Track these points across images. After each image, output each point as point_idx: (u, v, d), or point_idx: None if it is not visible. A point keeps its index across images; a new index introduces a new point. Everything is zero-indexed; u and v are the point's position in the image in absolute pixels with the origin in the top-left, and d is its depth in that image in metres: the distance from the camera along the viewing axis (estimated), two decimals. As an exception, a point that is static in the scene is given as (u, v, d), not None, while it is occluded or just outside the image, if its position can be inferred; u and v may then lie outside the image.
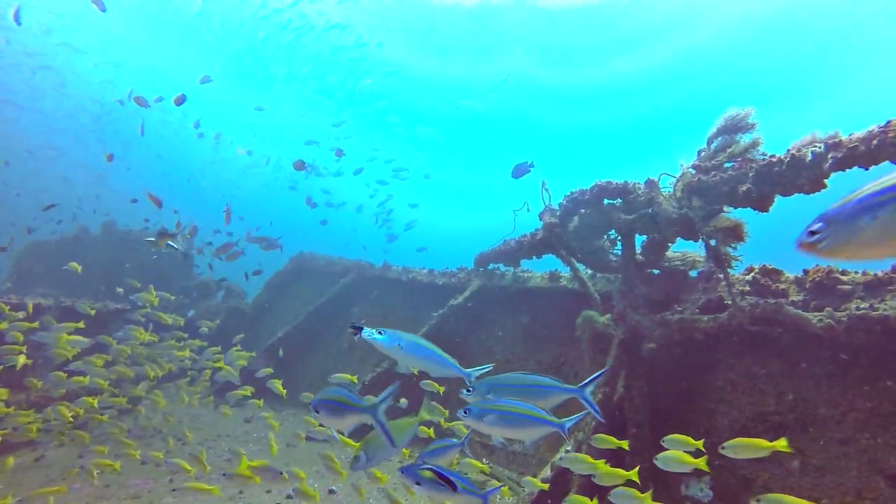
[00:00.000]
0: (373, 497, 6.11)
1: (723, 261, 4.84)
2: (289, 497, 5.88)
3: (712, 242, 4.90)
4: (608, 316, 6.63)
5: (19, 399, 7.68)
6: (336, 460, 5.64)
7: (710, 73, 37.94)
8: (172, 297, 8.94)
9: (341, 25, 32.68)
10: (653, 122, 43.68)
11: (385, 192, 23.51)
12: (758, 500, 3.18)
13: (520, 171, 7.24)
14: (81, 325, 6.92)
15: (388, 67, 37.08)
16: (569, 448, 5.44)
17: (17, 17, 8.07)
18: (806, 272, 4.95)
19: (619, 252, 6.32)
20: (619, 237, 6.11)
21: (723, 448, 3.57)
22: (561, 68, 39.14)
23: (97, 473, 6.35)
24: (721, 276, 5.35)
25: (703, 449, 3.83)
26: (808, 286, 4.87)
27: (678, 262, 6.16)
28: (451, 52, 37.39)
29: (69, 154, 37.54)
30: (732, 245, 4.72)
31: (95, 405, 6.85)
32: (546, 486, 4.81)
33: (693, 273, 6.21)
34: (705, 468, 3.80)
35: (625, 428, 5.21)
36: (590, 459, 4.23)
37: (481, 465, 5.84)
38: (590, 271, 7.90)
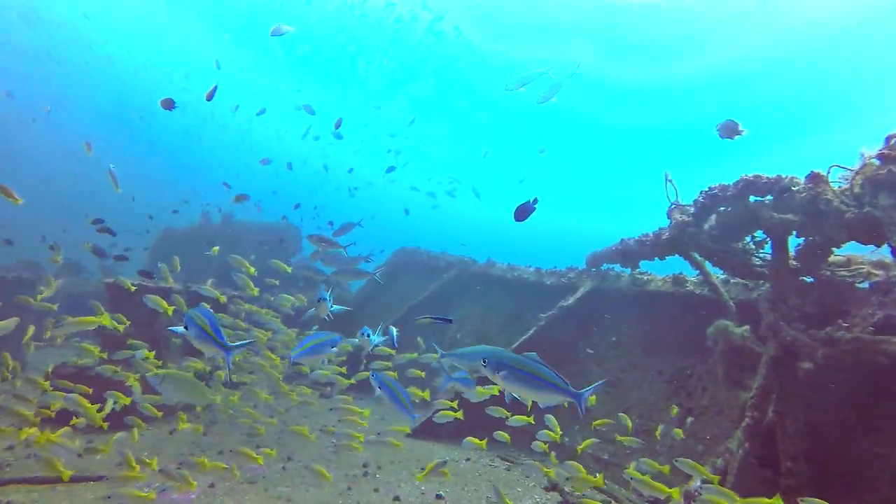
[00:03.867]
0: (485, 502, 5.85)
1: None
2: (396, 499, 5.77)
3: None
4: (746, 328, 5.86)
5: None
6: (440, 467, 5.47)
7: (775, 79, 35.33)
8: (277, 282, 9.30)
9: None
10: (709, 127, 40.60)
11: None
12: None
13: (524, 211, 7.09)
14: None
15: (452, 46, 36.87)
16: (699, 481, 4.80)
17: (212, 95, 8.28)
18: None
19: (768, 255, 5.52)
20: (769, 239, 5.32)
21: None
22: (624, 65, 37.13)
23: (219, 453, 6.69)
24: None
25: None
26: None
27: (844, 271, 5.25)
28: (514, 36, 36.31)
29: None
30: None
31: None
32: None
33: (863, 284, 5.26)
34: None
35: (776, 458, 4.50)
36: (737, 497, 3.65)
37: (594, 480, 5.36)
38: (722, 276, 7.08)
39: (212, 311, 3.83)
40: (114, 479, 5.64)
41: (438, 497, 5.98)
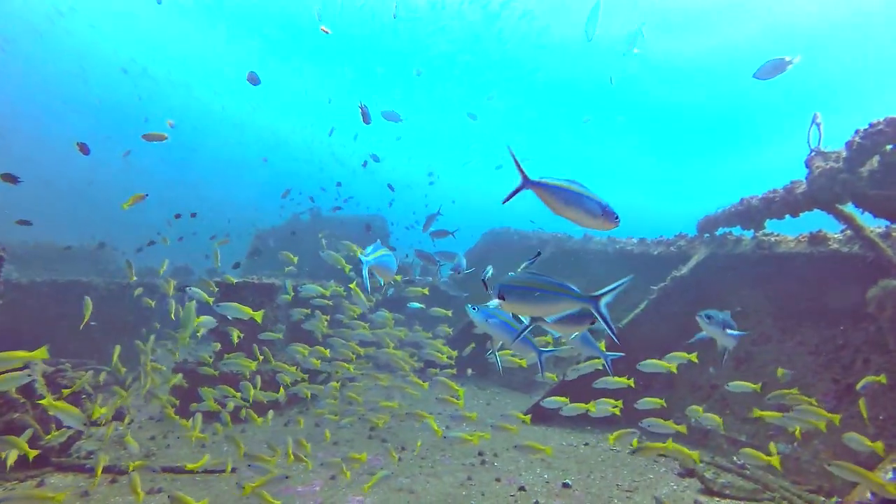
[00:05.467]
0: (615, 496, 5.40)
1: None
2: (521, 489, 5.46)
3: None
4: (923, 287, 4.97)
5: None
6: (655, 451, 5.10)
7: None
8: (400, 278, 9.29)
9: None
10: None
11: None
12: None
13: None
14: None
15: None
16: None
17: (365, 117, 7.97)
18: None
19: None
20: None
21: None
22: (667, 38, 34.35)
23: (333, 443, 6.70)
24: None
25: None
26: None
27: None
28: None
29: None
30: None
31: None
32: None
33: None
34: None
35: None
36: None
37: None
38: (880, 230, 6.09)
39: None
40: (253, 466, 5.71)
41: (565, 485, 5.61)
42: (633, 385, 5.66)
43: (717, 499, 5.29)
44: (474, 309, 3.53)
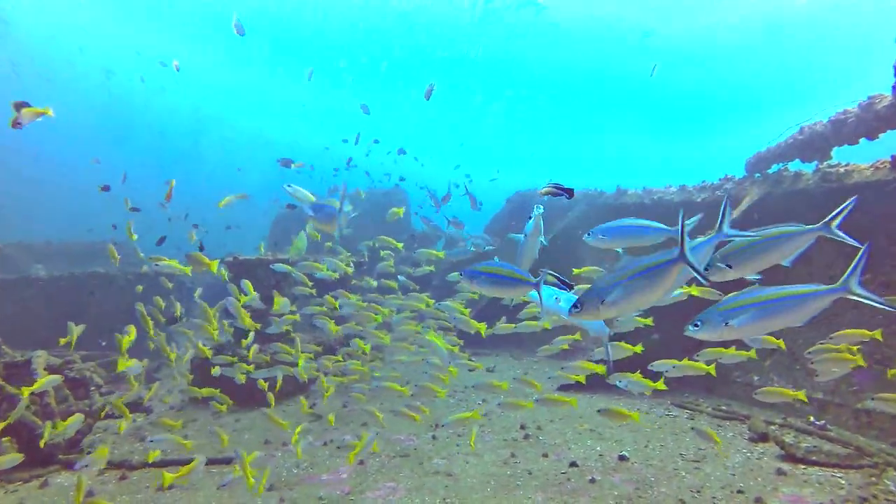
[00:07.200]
0: (680, 468, 4.71)
1: None
2: (573, 465, 4.81)
3: None
4: None
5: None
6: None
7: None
8: (402, 246, 8.64)
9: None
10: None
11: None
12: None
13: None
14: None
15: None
16: None
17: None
18: None
19: None
20: None
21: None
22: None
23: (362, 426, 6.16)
24: None
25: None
26: None
27: None
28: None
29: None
30: None
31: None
32: None
33: None
34: None
35: None
36: None
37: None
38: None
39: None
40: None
41: (622, 458, 4.95)
42: (650, 323, 5.25)
43: (804, 466, 4.54)
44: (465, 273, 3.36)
